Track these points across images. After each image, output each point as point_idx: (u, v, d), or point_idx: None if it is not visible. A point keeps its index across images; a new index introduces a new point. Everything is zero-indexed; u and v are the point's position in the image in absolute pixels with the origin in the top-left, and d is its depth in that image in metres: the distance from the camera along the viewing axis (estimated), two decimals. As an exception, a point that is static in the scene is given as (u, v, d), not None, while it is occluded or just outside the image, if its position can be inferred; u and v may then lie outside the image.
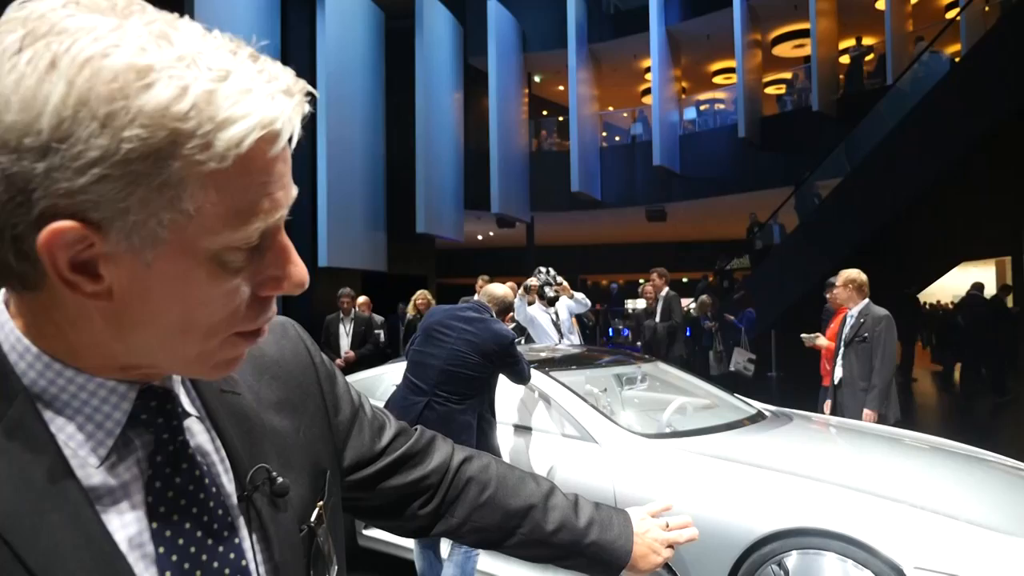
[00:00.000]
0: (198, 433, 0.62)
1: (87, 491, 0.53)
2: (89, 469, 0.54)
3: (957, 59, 11.76)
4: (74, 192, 0.45)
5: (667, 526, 1.04)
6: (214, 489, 0.60)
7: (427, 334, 3.41)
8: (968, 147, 9.72)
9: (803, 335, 5.75)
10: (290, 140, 0.51)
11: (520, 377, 3.44)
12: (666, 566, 2.84)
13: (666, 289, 7.97)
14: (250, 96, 0.48)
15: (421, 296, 8.35)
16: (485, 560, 3.44)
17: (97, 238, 0.47)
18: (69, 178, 0.45)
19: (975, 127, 9.63)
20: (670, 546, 1.02)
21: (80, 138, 0.44)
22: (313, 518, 0.70)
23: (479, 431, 3.32)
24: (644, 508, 1.05)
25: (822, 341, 5.52)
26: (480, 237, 22.59)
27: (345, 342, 7.65)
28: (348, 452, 0.83)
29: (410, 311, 8.47)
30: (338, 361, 7.43)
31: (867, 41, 17.07)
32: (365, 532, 4.02)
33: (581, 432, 3.41)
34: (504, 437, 3.65)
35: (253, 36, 0.53)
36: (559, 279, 6.64)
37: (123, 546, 0.54)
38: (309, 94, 0.53)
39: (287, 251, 0.55)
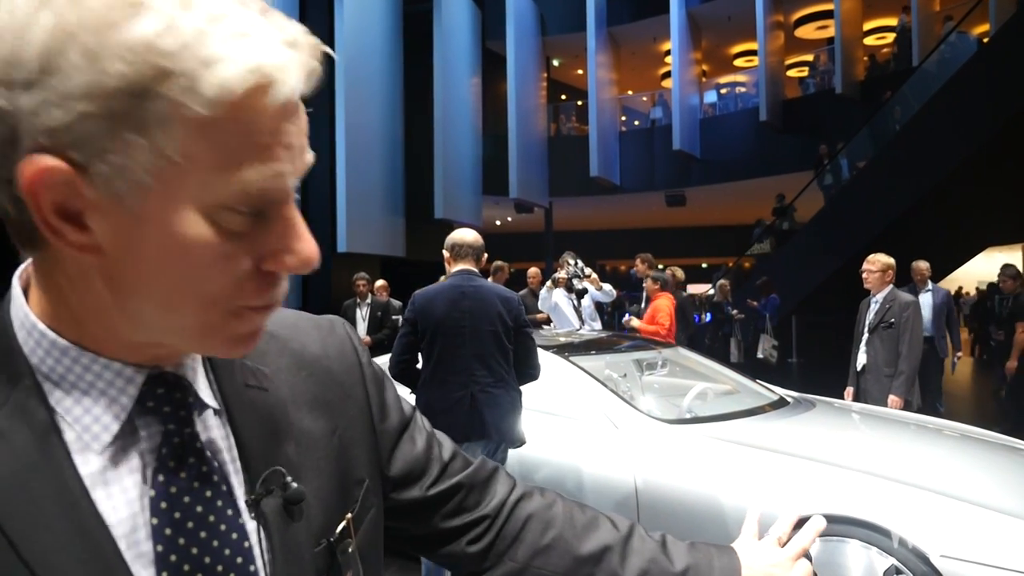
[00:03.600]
0: (213, 428, 0.59)
1: (84, 479, 0.51)
2: (90, 455, 0.52)
3: (985, 40, 11.52)
4: (57, 130, 0.44)
5: (780, 541, 0.85)
6: (224, 487, 0.57)
7: (438, 331, 3.23)
8: (995, 130, 9.54)
9: (626, 319, 6.75)
10: (305, 105, 0.48)
11: (531, 340, 3.37)
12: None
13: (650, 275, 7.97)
14: (245, 40, 0.45)
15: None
16: None
17: (80, 182, 0.45)
18: (51, 115, 0.44)
19: (1002, 109, 9.44)
20: (805, 556, 0.85)
21: (65, 72, 0.43)
22: (338, 531, 0.64)
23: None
24: (744, 533, 0.88)
25: (635, 323, 6.55)
26: (498, 222, 22.56)
27: (361, 327, 7.67)
28: (397, 461, 0.76)
29: None
30: (356, 346, 7.45)
31: (892, 21, 16.78)
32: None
33: (601, 417, 3.39)
34: (524, 421, 3.64)
35: None
36: (587, 271, 6.64)
37: (121, 543, 0.52)
38: (326, 56, 0.50)
39: (294, 225, 0.51)
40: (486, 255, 3.43)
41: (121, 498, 0.53)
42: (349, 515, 0.66)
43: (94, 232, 0.47)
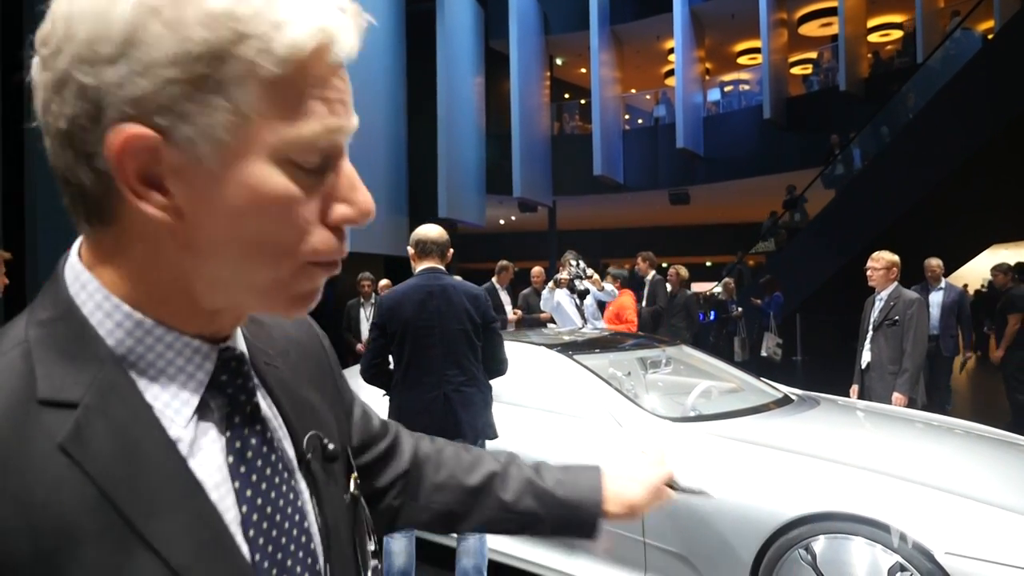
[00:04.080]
0: (261, 398, 0.64)
1: (179, 451, 0.55)
2: (177, 429, 0.55)
3: (990, 36, 11.49)
4: (142, 99, 0.48)
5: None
6: (280, 451, 0.62)
7: (408, 334, 3.19)
8: (999, 127, 9.51)
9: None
10: (355, 72, 0.53)
11: (499, 336, 3.38)
12: (687, 554, 2.84)
13: (651, 273, 7.95)
14: (307, 4, 0.50)
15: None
16: (496, 540, 3.45)
17: (163, 147, 0.49)
18: (137, 84, 0.47)
19: (1007, 106, 9.41)
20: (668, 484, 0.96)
21: (149, 43, 0.47)
22: (353, 488, 0.72)
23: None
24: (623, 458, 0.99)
25: (601, 323, 6.76)
26: (502, 221, 22.55)
27: (366, 326, 7.68)
28: (355, 431, 0.85)
29: None
30: (359, 346, 7.47)
31: (896, 19, 16.72)
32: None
33: (604, 415, 3.39)
34: (527, 420, 3.64)
35: None
36: (589, 271, 6.67)
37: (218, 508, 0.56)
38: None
39: (351, 177, 0.56)
40: (451, 251, 3.38)
41: (211, 465, 0.56)
42: (354, 476, 0.73)
43: (174, 196, 0.50)
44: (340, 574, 0.66)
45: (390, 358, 3.28)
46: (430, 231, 3.33)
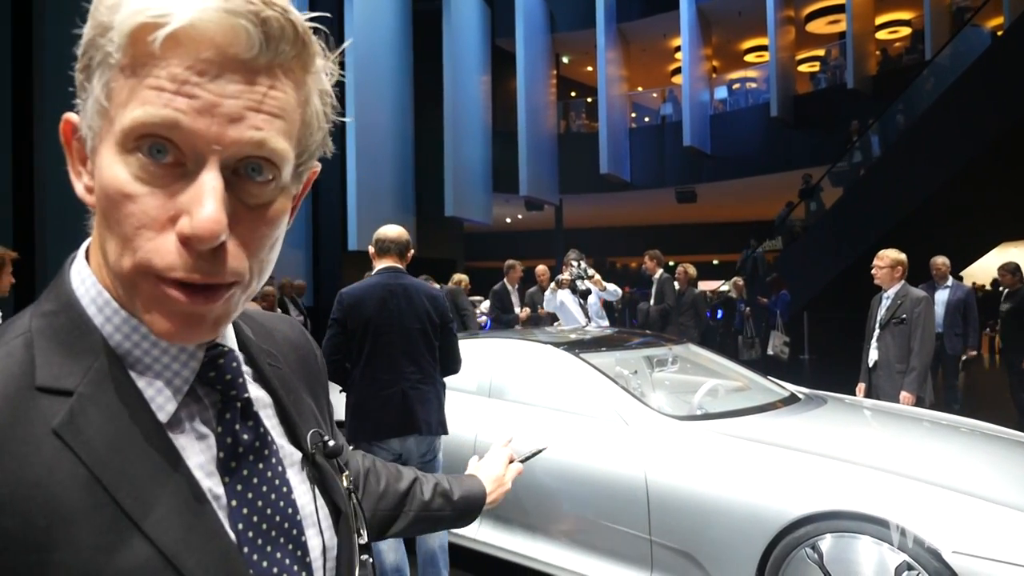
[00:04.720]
0: (260, 395, 0.66)
1: (171, 441, 0.56)
2: (166, 420, 0.57)
3: (999, 33, 11.42)
4: (77, 92, 0.56)
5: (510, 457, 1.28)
6: (274, 446, 0.64)
7: (368, 330, 3.22)
8: (1008, 124, 9.45)
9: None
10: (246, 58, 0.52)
11: (455, 336, 3.42)
12: (694, 552, 2.84)
13: (659, 272, 7.94)
14: None
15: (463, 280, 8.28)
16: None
17: (79, 132, 0.56)
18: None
19: (1016, 103, 9.35)
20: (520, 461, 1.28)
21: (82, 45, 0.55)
22: (346, 484, 0.74)
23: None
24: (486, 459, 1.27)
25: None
26: (508, 220, 22.56)
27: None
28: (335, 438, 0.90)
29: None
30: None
31: (905, 15, 16.62)
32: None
33: (611, 414, 3.39)
34: (534, 419, 3.65)
35: None
36: (591, 272, 6.66)
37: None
38: (285, 22, 0.53)
39: (202, 189, 0.51)
40: (412, 251, 3.46)
41: (202, 457, 0.58)
42: (345, 473, 0.76)
43: (90, 178, 0.56)
44: (346, 561, 0.69)
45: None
46: (389, 231, 3.43)
